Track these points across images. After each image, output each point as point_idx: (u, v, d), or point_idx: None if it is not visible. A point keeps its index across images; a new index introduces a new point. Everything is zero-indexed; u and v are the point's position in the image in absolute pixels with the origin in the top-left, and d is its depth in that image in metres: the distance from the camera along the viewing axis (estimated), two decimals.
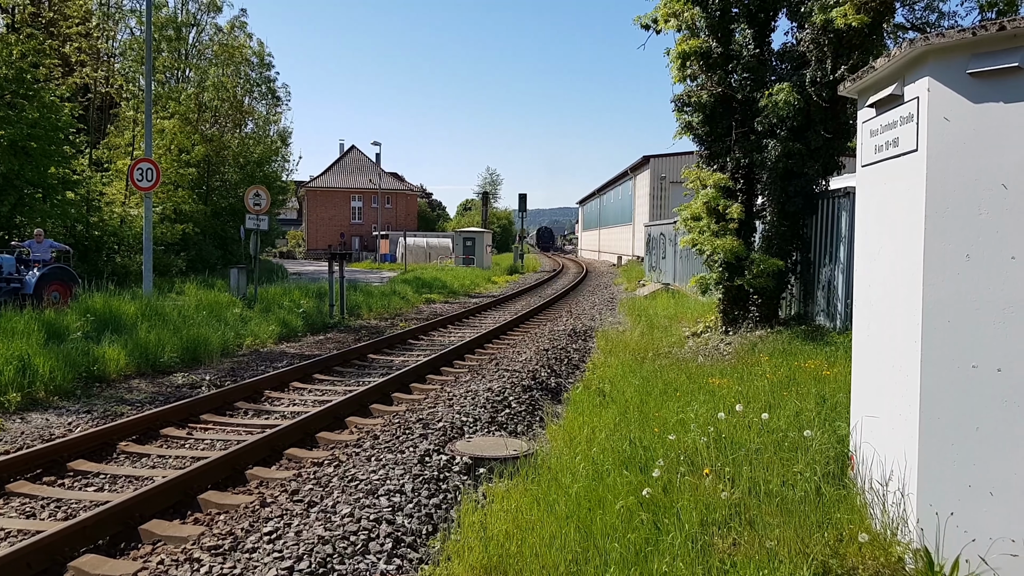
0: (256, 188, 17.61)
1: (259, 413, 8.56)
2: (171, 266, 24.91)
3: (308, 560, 4.28)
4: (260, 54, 34.94)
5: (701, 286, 13.06)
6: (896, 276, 4.04)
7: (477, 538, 4.40)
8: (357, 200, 66.21)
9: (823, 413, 6.01)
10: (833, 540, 3.96)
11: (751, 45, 12.31)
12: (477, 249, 41.00)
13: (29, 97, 20.04)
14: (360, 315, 18.10)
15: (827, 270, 11.83)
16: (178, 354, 11.27)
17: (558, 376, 10.28)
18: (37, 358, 9.15)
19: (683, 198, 14.12)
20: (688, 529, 4.12)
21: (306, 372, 10.49)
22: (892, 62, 4.03)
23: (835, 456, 5.03)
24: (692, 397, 7.14)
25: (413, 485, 5.60)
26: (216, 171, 31.81)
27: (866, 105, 4.55)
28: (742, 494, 4.58)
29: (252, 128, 35.72)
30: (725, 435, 5.53)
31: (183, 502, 5.64)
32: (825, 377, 7.48)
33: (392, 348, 13.18)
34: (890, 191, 4.17)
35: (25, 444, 7.03)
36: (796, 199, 11.82)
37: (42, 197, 20.44)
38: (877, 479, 4.17)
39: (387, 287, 23.55)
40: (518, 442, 6.86)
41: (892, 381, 4.07)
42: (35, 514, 5.48)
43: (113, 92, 29.39)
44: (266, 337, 13.71)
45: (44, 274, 14.77)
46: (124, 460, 6.81)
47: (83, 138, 23.88)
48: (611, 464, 5.31)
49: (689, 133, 13.06)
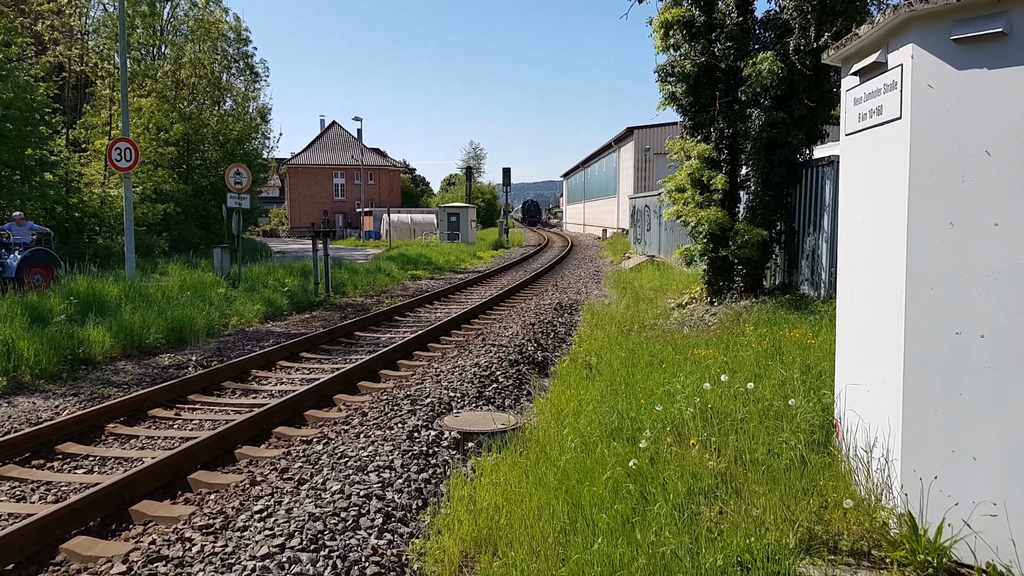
0: (237, 166, 17.39)
1: (247, 392, 8.53)
2: (153, 247, 24.67)
3: (299, 537, 4.29)
4: (237, 29, 34.35)
5: (686, 257, 13.10)
6: (880, 244, 4.06)
7: (467, 511, 4.43)
8: (340, 177, 65.65)
9: (808, 382, 6.07)
10: (818, 507, 4.02)
11: (734, 13, 12.24)
12: (462, 224, 40.87)
13: (3, 77, 19.65)
14: (346, 293, 18.03)
15: (811, 239, 11.89)
16: (163, 335, 11.19)
17: (545, 350, 10.31)
18: (21, 342, 9.07)
19: (668, 170, 14.11)
20: (675, 499, 4.16)
21: (292, 351, 10.46)
22: (875, 29, 4.01)
23: (820, 424, 5.09)
24: (678, 368, 7.19)
25: (402, 461, 5.62)
26: (196, 149, 31.40)
27: (850, 73, 4.53)
28: (728, 463, 4.64)
29: (231, 105, 35.18)
30: (711, 405, 5.58)
31: (173, 482, 5.62)
32: (810, 346, 7.55)
33: (378, 325, 13.15)
34: (874, 159, 4.18)
35: (13, 428, 6.98)
36: (780, 169, 11.84)
37: (20, 179, 20.14)
38: (861, 446, 4.22)
39: (372, 264, 23.45)
40: (506, 416, 6.89)
41: (876, 349, 4.10)
42: (25, 497, 5.46)
43: (88, 70, 28.81)
44: (251, 316, 13.64)
45: (25, 257, 14.60)
46: (113, 442, 6.78)
47: (59, 118, 23.46)
48: (598, 436, 5.35)
49: (673, 104, 13.00)
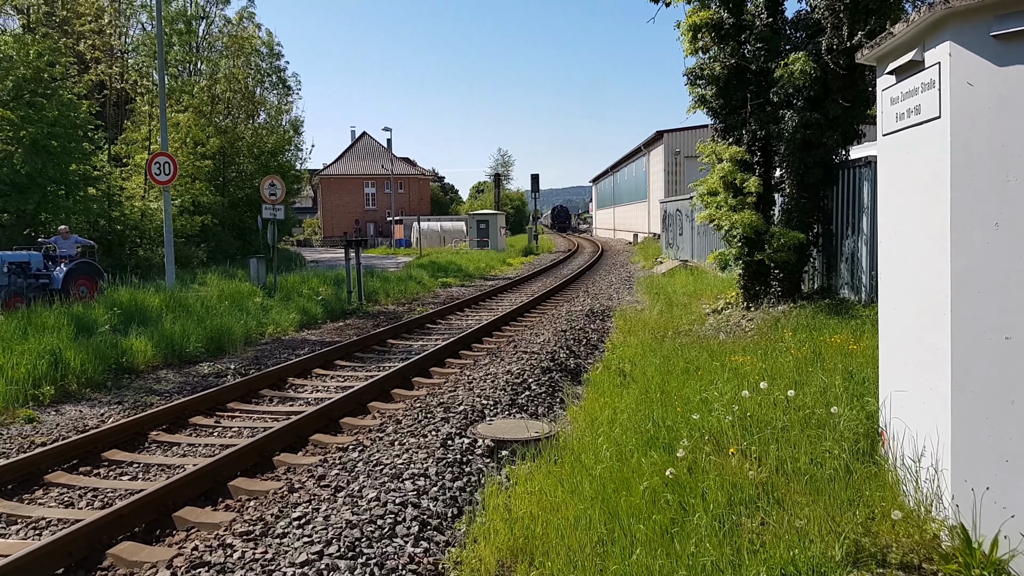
0: (271, 178, 17.65)
1: (284, 400, 8.63)
2: (192, 258, 25.15)
3: (337, 544, 4.31)
4: (269, 44, 34.92)
5: (720, 262, 12.95)
6: (922, 247, 3.96)
7: (502, 520, 4.41)
8: (370, 186, 66.30)
9: (851, 389, 5.94)
10: (865, 518, 3.92)
11: (764, 14, 12.10)
12: (491, 231, 40.95)
13: (48, 96, 20.24)
14: (378, 301, 18.17)
15: (850, 242, 11.69)
16: (203, 344, 11.39)
17: (577, 357, 10.26)
18: (68, 352, 9.31)
19: (698, 173, 13.98)
20: (715, 509, 4.09)
21: (327, 359, 10.56)
22: (911, 27, 3.93)
23: (864, 432, 4.97)
24: (715, 375, 7.09)
25: (437, 468, 5.63)
26: (231, 162, 31.95)
27: (885, 72, 4.45)
28: (769, 473, 4.55)
29: (264, 118, 35.78)
30: (750, 413, 5.49)
31: (214, 489, 5.71)
32: (852, 352, 7.40)
33: (411, 333, 13.22)
34: (913, 160, 4.09)
35: (60, 435, 7.16)
36: (815, 170, 11.66)
37: (65, 194, 20.70)
38: (909, 455, 4.11)
39: (403, 272, 23.61)
40: (539, 424, 6.87)
41: (922, 354, 4.00)
42: (73, 503, 5.61)
43: (128, 88, 29.52)
44: (287, 325, 13.81)
45: (71, 269, 14.96)
46: (155, 449, 6.91)
47: (101, 134, 24.07)
48: (634, 445, 5.29)
49: (703, 107, 12.89)
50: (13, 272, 14.28)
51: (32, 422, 7.68)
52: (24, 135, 19.31)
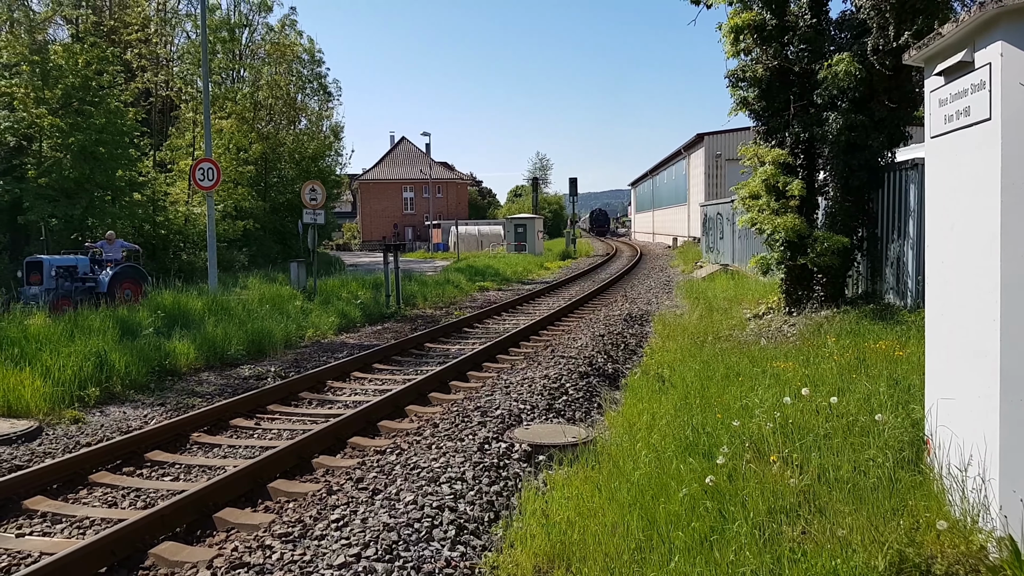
0: (312, 183, 17.91)
1: (322, 403, 8.74)
2: (234, 261, 25.64)
3: (375, 547, 4.35)
4: (311, 51, 35.53)
5: (762, 266, 12.77)
6: (971, 251, 3.86)
7: (539, 525, 4.40)
8: (409, 191, 66.89)
9: (895, 396, 5.81)
10: (909, 528, 3.82)
11: (807, 15, 11.91)
12: (528, 235, 40.97)
13: (95, 104, 20.85)
14: (416, 304, 18.30)
15: (896, 246, 11.42)
16: (244, 347, 11.59)
17: (615, 362, 10.20)
18: (113, 354, 9.54)
19: (740, 176, 13.81)
20: (755, 517, 4.03)
21: (366, 362, 10.67)
22: (960, 27, 3.83)
23: (909, 441, 4.85)
24: (756, 381, 6.99)
25: (474, 472, 5.64)
26: (273, 167, 32.54)
27: (934, 73, 4.34)
28: (811, 481, 4.47)
29: (305, 124, 36.42)
30: (792, 420, 5.39)
31: (254, 490, 5.79)
32: (897, 358, 7.23)
33: (448, 337, 13.28)
34: (962, 162, 3.98)
35: (105, 436, 7.34)
36: (860, 173, 11.43)
37: (111, 199, 21.29)
38: (955, 464, 4.00)
39: (441, 276, 23.74)
40: (576, 429, 6.84)
41: (970, 361, 3.89)
42: (116, 503, 5.73)
43: (173, 95, 30.26)
44: (326, 328, 13.98)
45: (116, 273, 15.38)
46: (197, 450, 7.05)
47: (147, 141, 24.71)
48: (673, 451, 5.24)
49: (745, 109, 12.74)
50: (61, 276, 14.73)
51: (78, 423, 7.88)
52: (72, 142, 19.91)
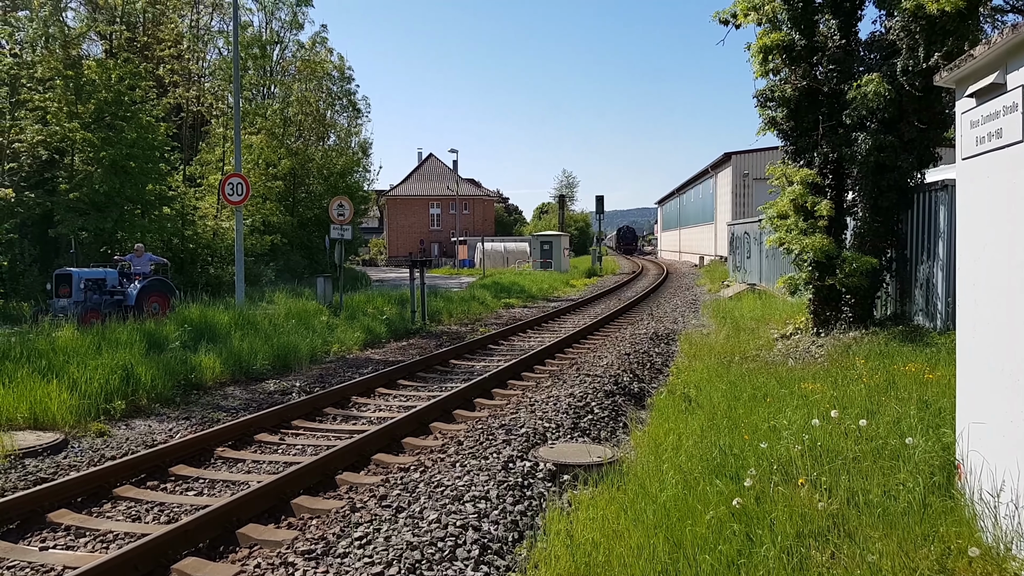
0: (339, 199, 18.08)
1: (347, 419, 8.76)
2: (261, 276, 25.89)
3: (397, 566, 4.33)
4: (340, 68, 35.99)
5: (789, 286, 12.65)
6: (1003, 274, 3.80)
7: (564, 546, 4.36)
8: (435, 207, 67.27)
9: (926, 419, 5.70)
10: (940, 554, 3.74)
11: (836, 36, 11.87)
12: (554, 252, 40.96)
13: (127, 118, 21.26)
14: (441, 321, 18.34)
15: (925, 267, 11.25)
16: (269, 361, 11.67)
17: (641, 381, 10.12)
18: (139, 367, 9.63)
19: (767, 195, 13.72)
20: (783, 541, 3.96)
21: (391, 378, 10.69)
22: (992, 49, 3.80)
23: (940, 465, 4.75)
24: (783, 403, 6.90)
25: (498, 492, 5.61)
26: (301, 183, 32.91)
27: (965, 95, 4.30)
28: (840, 505, 4.39)
29: (334, 140, 36.82)
30: (820, 443, 5.31)
31: (277, 506, 5.80)
32: (927, 381, 7.11)
33: (473, 353, 13.28)
34: (994, 185, 3.93)
35: (130, 450, 7.38)
36: (889, 194, 11.31)
37: (141, 213, 21.64)
38: (987, 489, 3.92)
39: (466, 292, 23.78)
40: (602, 448, 6.78)
41: (1002, 385, 3.82)
42: (140, 517, 5.73)
43: (204, 110, 30.79)
44: (352, 344, 14.05)
45: (144, 286, 15.58)
46: (221, 465, 7.08)
47: (177, 155, 25.10)
48: (700, 472, 5.18)
49: (773, 129, 12.69)
50: (89, 288, 14.95)
51: (103, 436, 7.95)
52: (104, 156, 20.30)
